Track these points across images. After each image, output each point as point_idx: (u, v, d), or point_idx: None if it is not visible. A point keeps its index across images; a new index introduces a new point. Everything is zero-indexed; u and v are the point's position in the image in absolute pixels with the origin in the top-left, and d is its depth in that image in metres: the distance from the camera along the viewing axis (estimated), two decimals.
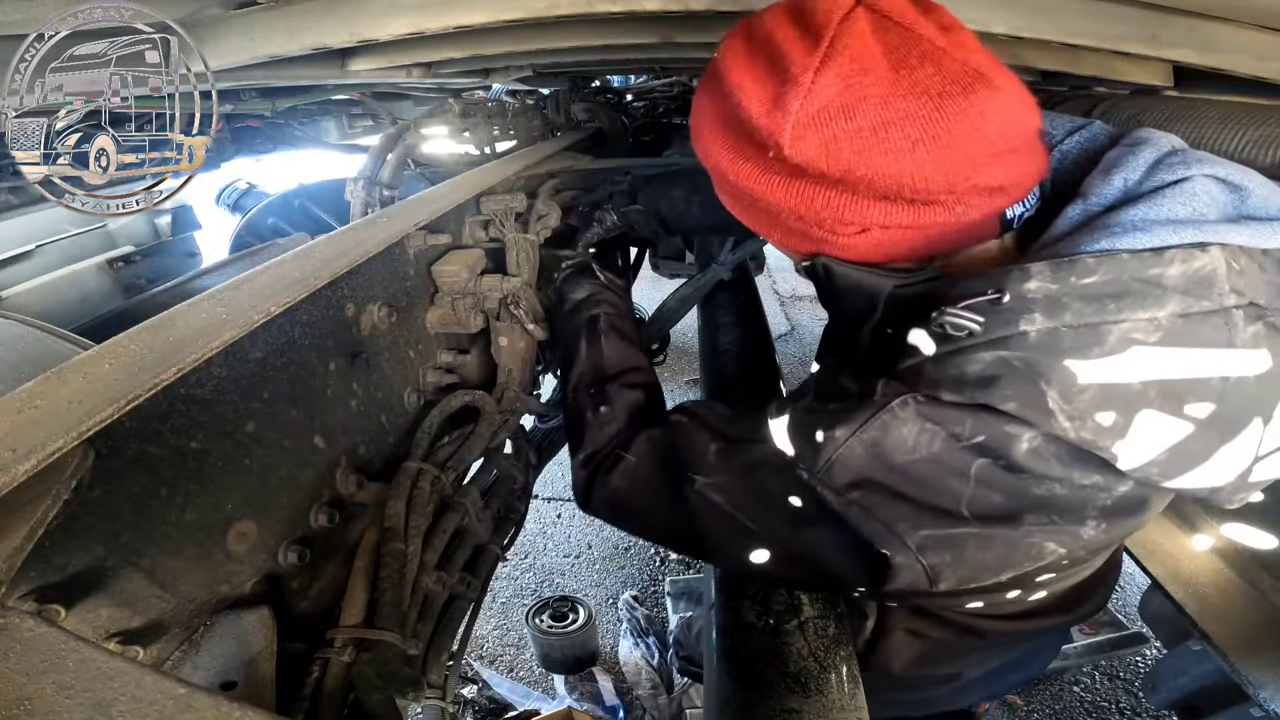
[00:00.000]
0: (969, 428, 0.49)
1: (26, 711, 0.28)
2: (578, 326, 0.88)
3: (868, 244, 0.57)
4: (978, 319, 0.49)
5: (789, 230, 0.61)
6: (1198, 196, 0.49)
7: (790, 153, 0.52)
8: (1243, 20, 0.71)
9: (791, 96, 0.50)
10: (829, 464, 0.54)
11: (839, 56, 0.50)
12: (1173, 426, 0.47)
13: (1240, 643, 1.01)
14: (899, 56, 0.50)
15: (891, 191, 0.52)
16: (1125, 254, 0.47)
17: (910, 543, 0.52)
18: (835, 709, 0.69)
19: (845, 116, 0.50)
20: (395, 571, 0.64)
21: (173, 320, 0.49)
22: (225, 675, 0.52)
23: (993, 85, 0.50)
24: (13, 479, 0.33)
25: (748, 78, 0.54)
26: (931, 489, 0.51)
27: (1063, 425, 0.47)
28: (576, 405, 0.79)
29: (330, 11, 0.80)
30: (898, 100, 0.49)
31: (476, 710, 1.99)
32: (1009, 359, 0.48)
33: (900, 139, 0.49)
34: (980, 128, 0.50)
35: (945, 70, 0.49)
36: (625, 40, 0.99)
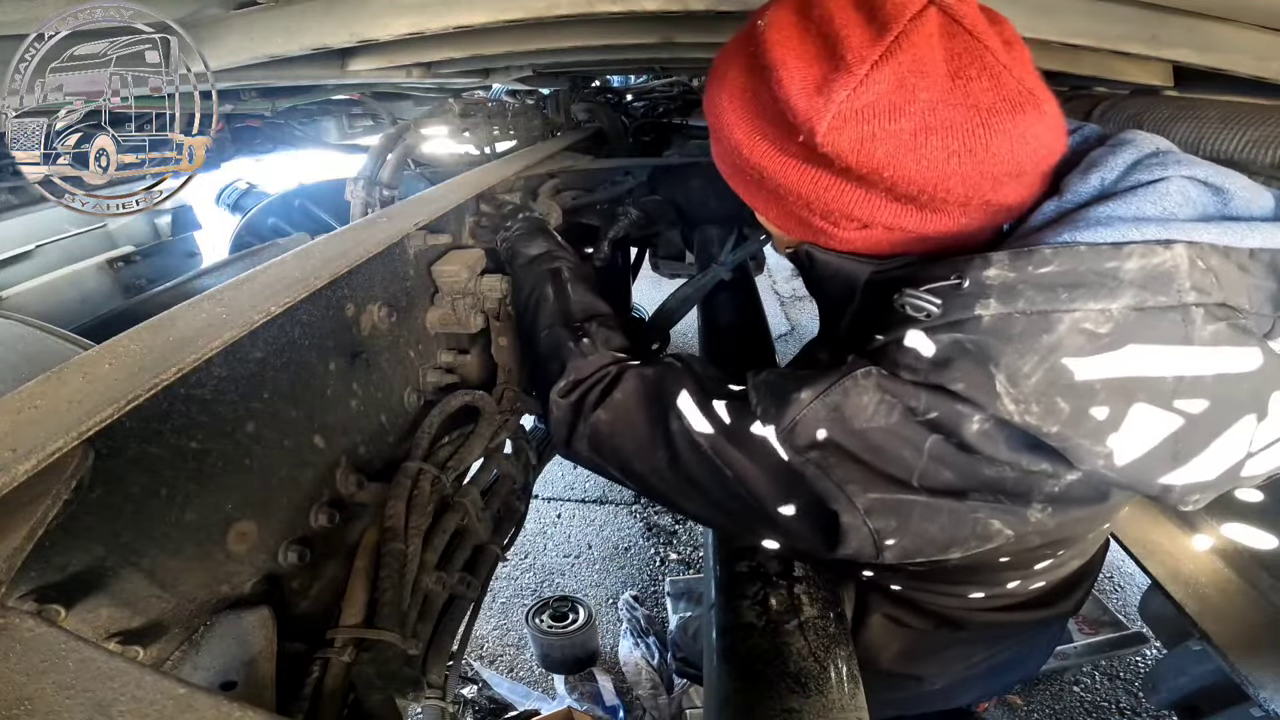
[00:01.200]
0: (923, 403, 0.51)
1: (26, 711, 0.28)
2: (540, 275, 0.85)
3: (864, 240, 0.58)
4: (935, 301, 0.51)
5: (789, 214, 0.61)
6: (1170, 196, 0.49)
7: (822, 140, 0.50)
8: (1243, 20, 0.71)
9: (840, 84, 0.49)
10: (793, 423, 0.55)
11: (901, 54, 0.48)
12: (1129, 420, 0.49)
13: (1240, 643, 1.01)
14: (960, 65, 0.49)
15: (909, 196, 0.52)
16: (1083, 246, 0.48)
17: (858, 504, 0.53)
18: (835, 709, 0.69)
19: (890, 116, 0.49)
20: (395, 571, 0.64)
21: (173, 320, 0.49)
22: (225, 675, 0.52)
23: (1040, 109, 0.50)
24: (13, 479, 0.33)
25: (793, 55, 0.52)
26: (885, 457, 0.53)
27: (1008, 408, 0.48)
28: (553, 340, 0.76)
29: (330, 11, 0.80)
30: (946, 109, 0.49)
31: (476, 710, 1.99)
32: (963, 341, 0.49)
33: (938, 148, 0.49)
34: (1017, 149, 0.50)
35: (1001, 86, 0.49)
36: (625, 40, 0.99)
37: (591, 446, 0.71)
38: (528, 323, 0.83)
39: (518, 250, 0.92)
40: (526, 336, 0.83)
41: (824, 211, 0.57)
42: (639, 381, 0.69)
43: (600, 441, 0.70)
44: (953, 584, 0.78)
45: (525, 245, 0.91)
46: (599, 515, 2.79)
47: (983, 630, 0.83)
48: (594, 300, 0.83)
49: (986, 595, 0.78)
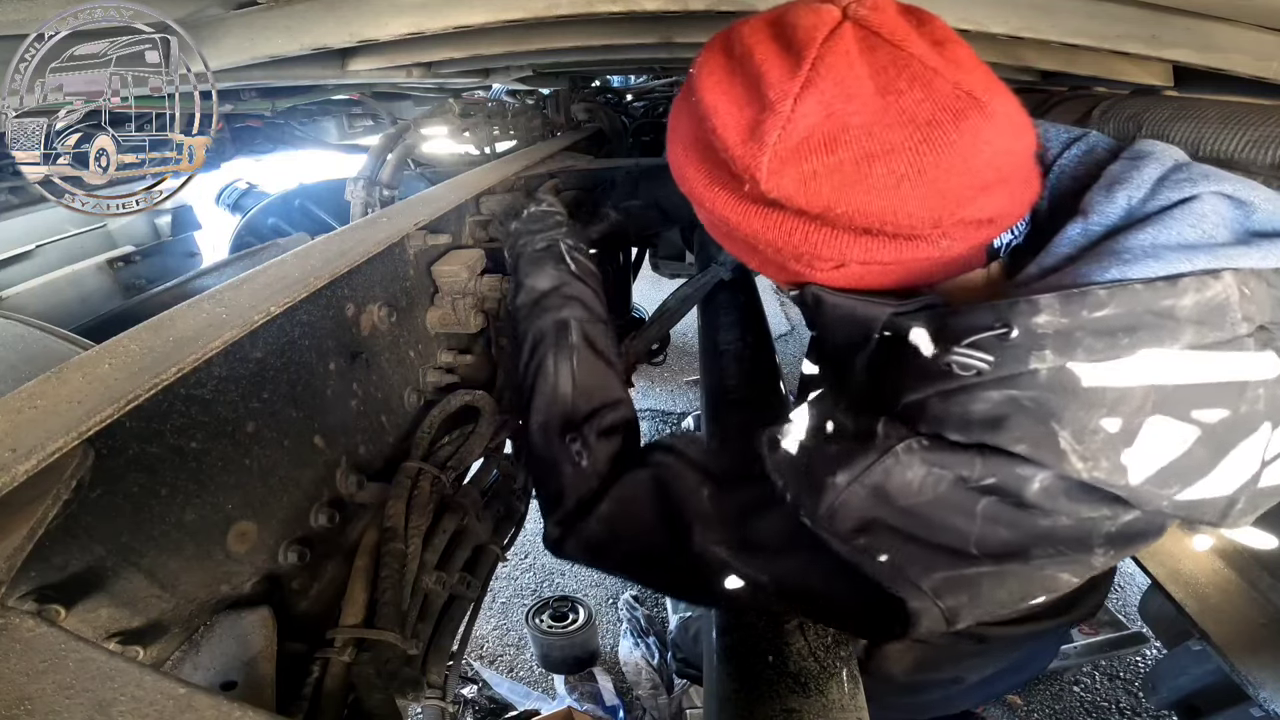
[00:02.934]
0: (978, 470, 0.46)
1: (26, 711, 0.28)
2: (543, 332, 0.73)
3: (846, 278, 0.55)
4: (987, 358, 0.45)
5: (766, 260, 0.58)
6: (1207, 217, 0.46)
7: (767, 187, 0.48)
8: (1243, 20, 0.71)
9: (769, 126, 0.46)
10: (831, 510, 0.50)
11: (821, 80, 0.46)
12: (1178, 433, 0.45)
13: (1240, 643, 1.01)
14: (886, 79, 0.46)
15: (873, 227, 0.49)
16: (1138, 284, 0.44)
17: (925, 587, 0.49)
18: (835, 709, 0.69)
19: (826, 149, 0.46)
20: (395, 571, 0.64)
21: (173, 320, 0.49)
22: (225, 675, 0.52)
23: (985, 110, 0.46)
24: (13, 479, 0.33)
25: (724, 100, 0.50)
26: (938, 529, 0.49)
27: (1075, 466, 0.44)
28: (548, 451, 0.68)
29: (330, 11, 0.80)
30: (883, 130, 0.46)
31: (476, 710, 1.99)
32: (1019, 399, 0.45)
33: (884, 174, 0.46)
34: (970, 160, 0.46)
35: (935, 95, 0.45)
36: (625, 40, 0.99)
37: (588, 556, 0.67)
38: (525, 391, 0.72)
39: (523, 282, 0.78)
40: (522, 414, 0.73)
41: (795, 255, 0.54)
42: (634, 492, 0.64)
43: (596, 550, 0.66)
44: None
45: (532, 274, 0.78)
46: None
47: (1003, 641, 0.81)
48: (602, 376, 0.72)
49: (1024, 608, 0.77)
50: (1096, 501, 0.47)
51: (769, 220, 0.52)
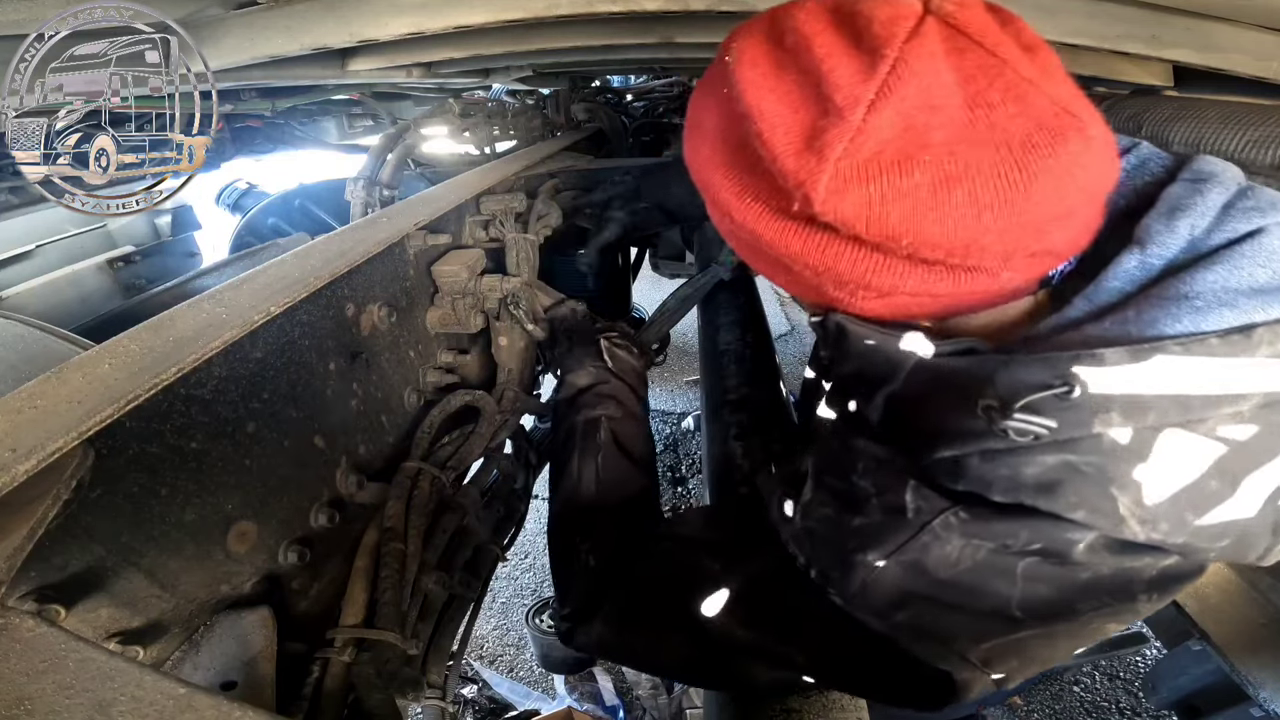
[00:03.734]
0: (1024, 538, 0.43)
1: (26, 711, 0.28)
2: (573, 428, 0.76)
3: (888, 307, 0.48)
4: (1048, 424, 0.40)
5: (798, 281, 0.51)
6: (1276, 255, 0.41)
7: (822, 208, 0.41)
8: (1243, 20, 0.71)
9: (834, 137, 0.39)
10: (863, 587, 0.47)
11: (903, 86, 0.38)
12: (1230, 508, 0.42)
13: (1240, 643, 1.01)
14: (977, 89, 0.39)
15: (938, 259, 0.42)
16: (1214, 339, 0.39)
17: (974, 658, 0.46)
18: (835, 709, 0.69)
19: (900, 170, 0.39)
20: (395, 571, 0.64)
21: (173, 320, 0.49)
22: (225, 675, 0.52)
23: (1085, 132, 0.40)
24: (13, 479, 0.33)
25: (770, 99, 0.42)
26: (979, 595, 0.45)
27: (1133, 529, 0.40)
28: (561, 547, 0.70)
29: (330, 11, 0.80)
30: (968, 149, 0.39)
31: (476, 710, 1.99)
32: (1077, 464, 0.40)
33: (965, 202, 0.39)
34: (1063, 188, 0.40)
35: (1032, 111, 0.39)
36: (625, 40, 0.99)
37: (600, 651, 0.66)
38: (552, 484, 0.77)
39: (564, 377, 0.86)
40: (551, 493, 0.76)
41: (837, 281, 0.47)
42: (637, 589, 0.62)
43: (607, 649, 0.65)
44: None
45: (572, 370, 0.84)
46: None
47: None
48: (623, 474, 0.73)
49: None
50: (1138, 553, 0.44)
51: (814, 242, 0.45)
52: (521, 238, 0.97)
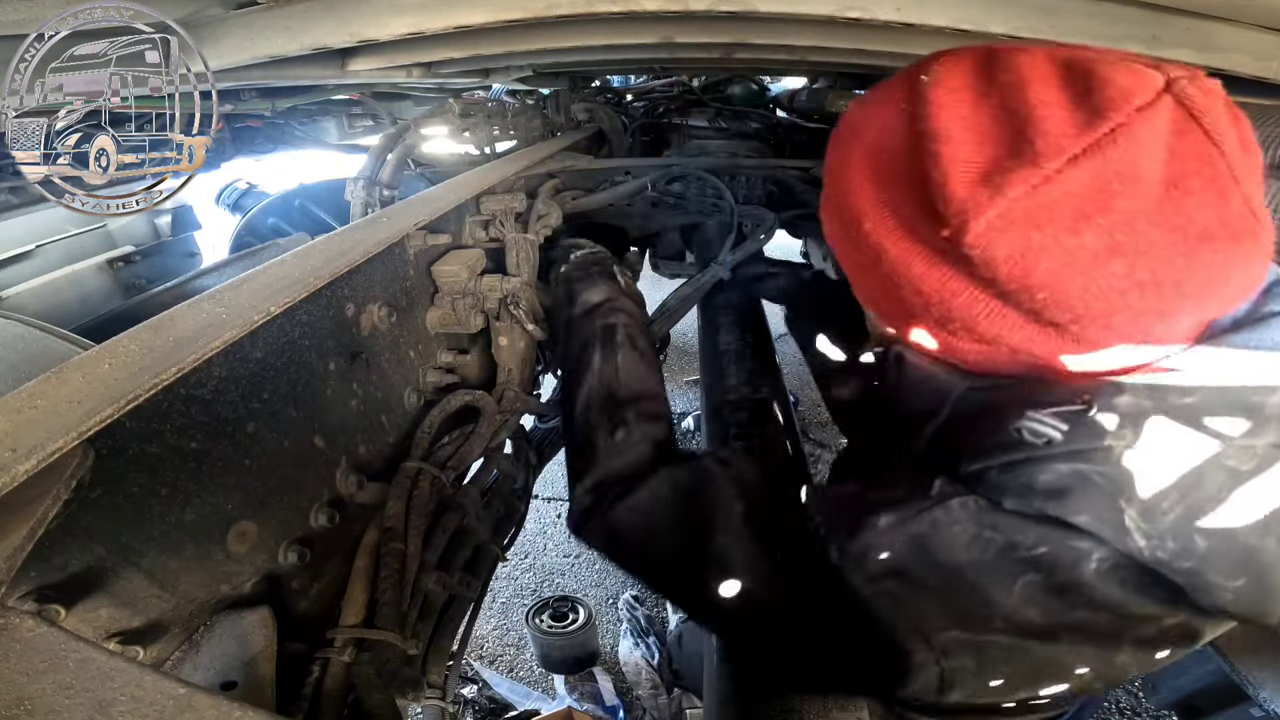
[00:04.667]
0: (1031, 538, 0.43)
1: (26, 711, 0.28)
2: (591, 333, 0.77)
3: (978, 355, 0.49)
4: (1060, 426, 0.43)
5: (895, 301, 0.51)
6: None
7: (973, 240, 0.41)
8: (1243, 20, 0.71)
9: (1019, 177, 0.39)
10: (864, 549, 0.48)
11: (1113, 150, 0.38)
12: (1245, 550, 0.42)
13: (1240, 643, 1.01)
14: (1181, 170, 0.39)
15: (1057, 323, 0.43)
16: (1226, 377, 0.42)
17: (934, 642, 0.46)
18: (835, 709, 0.69)
19: (1072, 227, 0.39)
20: (395, 571, 0.64)
21: (173, 320, 0.49)
22: (225, 675, 0.52)
23: (1259, 239, 0.41)
24: (13, 479, 0.33)
25: (960, 125, 0.42)
26: (970, 593, 0.46)
27: (1138, 544, 0.41)
28: (587, 424, 0.70)
29: (330, 11, 0.80)
30: (1148, 227, 0.39)
31: (476, 710, 1.99)
32: (1087, 473, 0.42)
33: (1120, 274, 0.39)
34: (1218, 288, 0.41)
35: (1224, 207, 0.39)
36: (625, 40, 0.99)
37: (606, 544, 0.65)
38: (570, 385, 0.76)
39: (575, 294, 0.83)
40: (565, 402, 0.76)
41: (942, 315, 0.47)
42: (672, 488, 0.62)
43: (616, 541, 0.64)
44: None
45: (584, 289, 0.83)
46: None
47: None
48: (644, 373, 0.75)
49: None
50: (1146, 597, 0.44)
51: (939, 272, 0.45)
52: (521, 238, 0.97)
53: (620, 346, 0.75)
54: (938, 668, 0.47)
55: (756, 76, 2.41)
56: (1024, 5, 0.76)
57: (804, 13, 0.76)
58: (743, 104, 2.29)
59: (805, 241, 2.80)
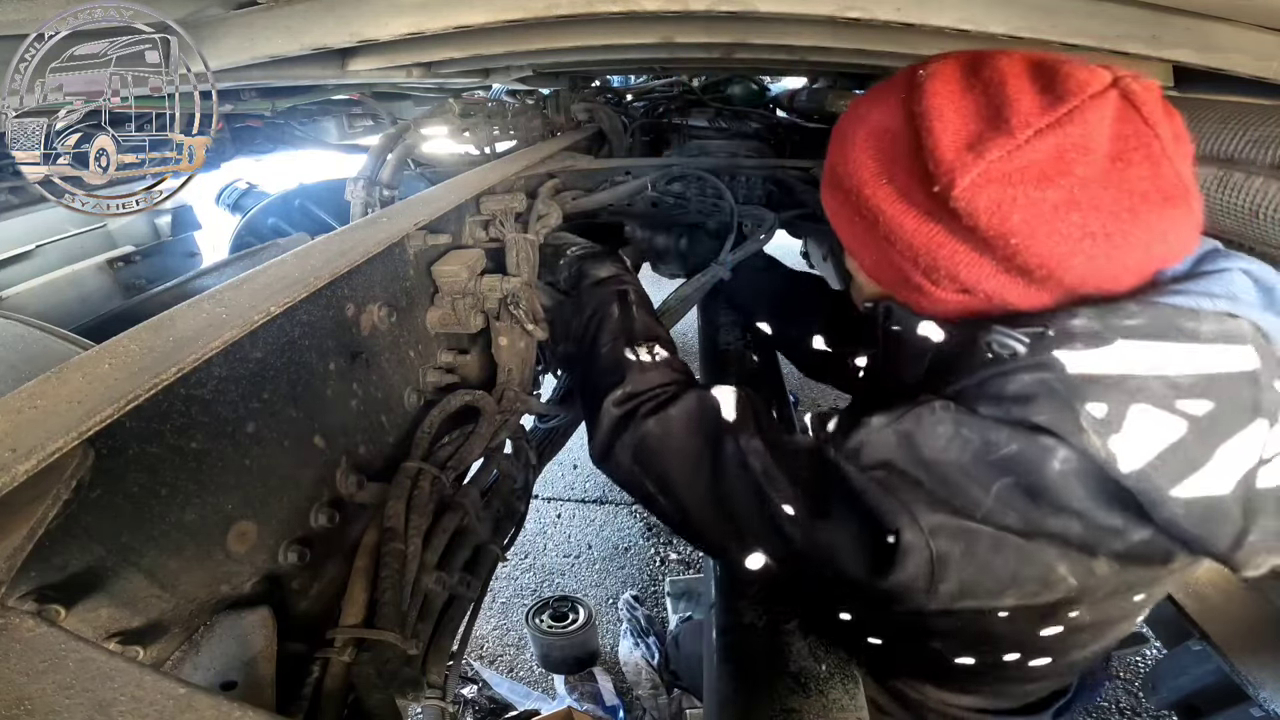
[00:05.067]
0: (1002, 438, 0.50)
1: (26, 711, 0.28)
2: (608, 295, 0.88)
3: (958, 304, 0.58)
4: (1023, 340, 0.51)
5: (889, 263, 0.60)
6: (1234, 283, 0.51)
7: (959, 194, 0.50)
8: (1243, 20, 0.71)
9: (996, 144, 0.49)
10: (859, 445, 0.55)
11: (1070, 127, 0.48)
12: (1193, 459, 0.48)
13: (1240, 643, 1.01)
14: (1124, 147, 0.49)
15: (1026, 269, 0.52)
16: (1166, 306, 0.50)
17: (922, 523, 0.51)
18: (835, 709, 0.69)
19: (1038, 184, 0.49)
20: (395, 571, 0.64)
21: (173, 320, 0.49)
22: (225, 675, 0.52)
23: (1189, 206, 0.50)
24: (13, 479, 0.33)
25: (950, 107, 0.52)
26: (952, 490, 0.52)
27: (1093, 443, 0.48)
28: (614, 353, 0.79)
29: (330, 11, 0.80)
30: (1098, 188, 0.48)
31: (476, 710, 1.99)
32: (1047, 380, 0.50)
33: (1076, 226, 0.49)
34: (1152, 243, 0.50)
35: (1159, 177, 0.49)
36: (625, 40, 0.99)
37: (635, 457, 0.71)
38: (589, 338, 0.84)
39: (586, 270, 0.95)
40: (585, 350, 0.84)
41: (929, 268, 0.56)
42: (697, 402, 0.70)
43: (645, 453, 0.70)
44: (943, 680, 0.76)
45: (594, 267, 0.96)
46: (599, 515, 2.79)
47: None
48: (656, 325, 0.86)
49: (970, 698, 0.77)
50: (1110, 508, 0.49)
51: (928, 227, 0.54)
52: (521, 238, 0.97)
53: (633, 304, 0.87)
54: (927, 550, 0.51)
55: (756, 76, 2.41)
56: (1024, 5, 0.76)
57: (804, 13, 0.76)
58: (743, 104, 2.29)
59: (805, 241, 2.80)
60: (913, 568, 0.52)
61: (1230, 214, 0.72)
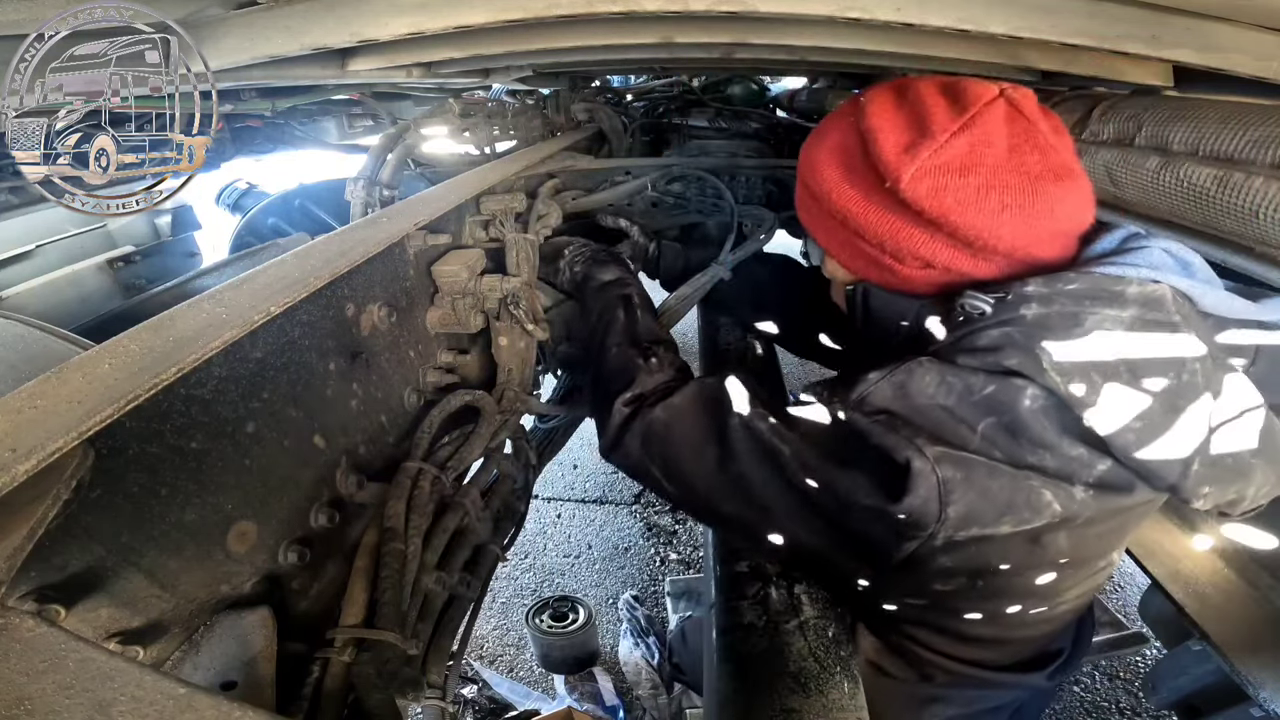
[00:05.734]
0: (980, 382, 0.60)
1: (26, 711, 0.28)
2: (613, 299, 0.94)
3: (924, 278, 0.69)
4: (989, 301, 0.63)
5: (860, 252, 0.72)
6: (1154, 256, 0.64)
7: (904, 188, 0.63)
8: (1243, 20, 0.71)
9: (925, 147, 0.63)
10: (861, 395, 0.64)
11: (975, 128, 0.63)
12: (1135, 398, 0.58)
13: (1240, 643, 1.01)
14: (1017, 140, 0.63)
15: (967, 241, 0.64)
16: (1099, 274, 0.62)
17: (927, 453, 0.59)
18: (835, 709, 0.69)
19: (960, 173, 0.62)
20: (395, 571, 0.64)
21: (173, 320, 0.49)
22: (225, 675, 0.52)
23: (1076, 182, 0.65)
24: (13, 479, 0.33)
25: (888, 123, 0.66)
26: (945, 430, 0.61)
27: (1054, 379, 0.58)
28: (623, 356, 0.85)
29: (330, 11, 0.80)
30: (1004, 173, 0.62)
31: (476, 710, 1.99)
32: (1011, 333, 0.60)
33: (995, 202, 0.62)
34: (1056, 210, 0.63)
35: (1048, 160, 0.63)
36: (625, 40, 0.99)
37: (643, 443, 0.76)
38: (597, 339, 0.91)
39: (591, 274, 1.01)
40: (594, 352, 0.91)
41: (894, 251, 0.68)
42: (699, 388, 0.77)
43: (652, 438, 0.76)
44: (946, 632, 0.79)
45: (599, 271, 1.01)
46: (599, 515, 2.79)
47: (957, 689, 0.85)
48: (659, 328, 0.93)
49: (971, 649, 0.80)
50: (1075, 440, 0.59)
51: (887, 218, 0.67)
52: (521, 238, 0.97)
53: (637, 308, 0.93)
54: (934, 475, 0.58)
55: (756, 76, 2.41)
56: (1024, 5, 0.76)
57: (804, 13, 0.76)
58: (743, 104, 2.29)
59: (805, 241, 2.80)
60: (925, 491, 0.58)
61: (1230, 214, 0.72)
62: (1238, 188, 0.69)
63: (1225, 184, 0.71)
